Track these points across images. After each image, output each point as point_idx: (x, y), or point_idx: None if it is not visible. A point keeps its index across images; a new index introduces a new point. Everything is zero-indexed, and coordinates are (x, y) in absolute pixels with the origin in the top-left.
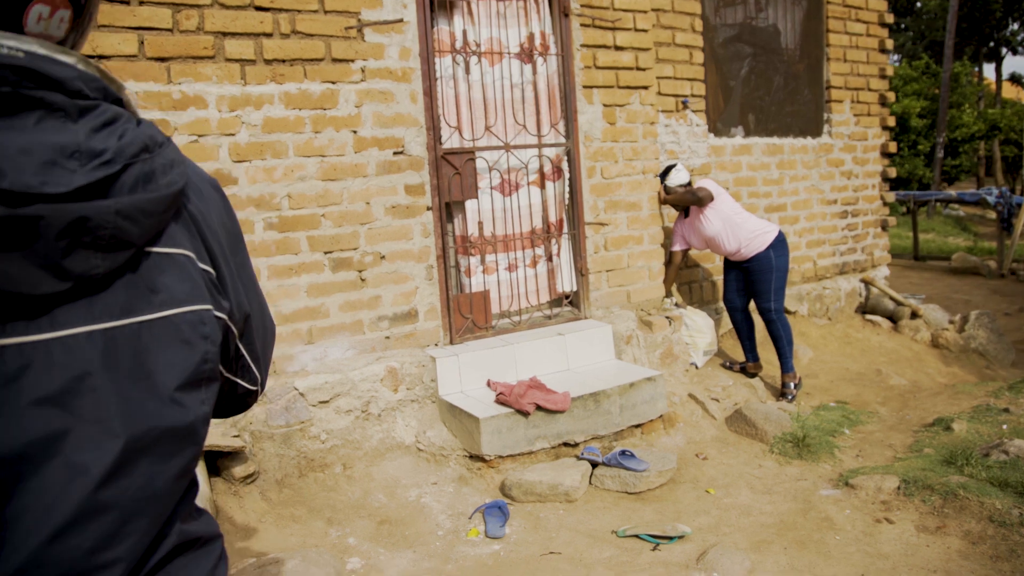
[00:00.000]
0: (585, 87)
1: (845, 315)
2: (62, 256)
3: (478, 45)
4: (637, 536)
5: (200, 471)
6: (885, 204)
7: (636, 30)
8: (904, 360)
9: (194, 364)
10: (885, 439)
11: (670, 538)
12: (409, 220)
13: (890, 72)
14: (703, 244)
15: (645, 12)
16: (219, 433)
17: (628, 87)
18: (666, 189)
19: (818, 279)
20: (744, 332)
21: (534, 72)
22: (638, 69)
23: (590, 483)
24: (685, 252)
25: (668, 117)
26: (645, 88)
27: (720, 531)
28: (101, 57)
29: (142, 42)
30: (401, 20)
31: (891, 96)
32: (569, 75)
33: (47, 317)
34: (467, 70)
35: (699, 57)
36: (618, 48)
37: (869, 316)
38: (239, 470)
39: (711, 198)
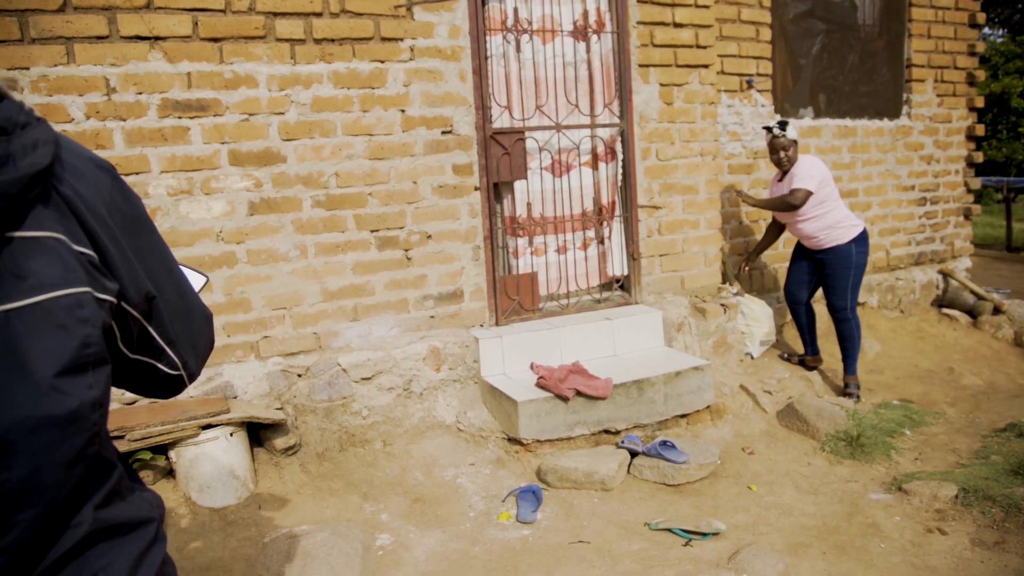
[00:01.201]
0: (641, 66)
1: (919, 308)
2: None
3: (530, 23)
4: (670, 530)
5: (241, 441)
6: (969, 191)
7: (697, 6)
8: (982, 359)
9: (73, 349)
10: (950, 443)
11: (703, 534)
12: (456, 200)
13: (980, 48)
14: (784, 215)
15: None
16: (263, 405)
17: (687, 66)
18: (781, 139)
19: (891, 269)
20: (805, 325)
21: (588, 50)
22: (698, 47)
23: (628, 472)
24: (778, 223)
25: (731, 97)
26: (705, 67)
27: (757, 530)
28: (157, 39)
29: (196, 23)
30: None
31: (980, 75)
32: (624, 53)
33: None
34: (518, 48)
35: (766, 34)
36: (677, 25)
37: (946, 310)
38: (280, 442)
39: (816, 167)
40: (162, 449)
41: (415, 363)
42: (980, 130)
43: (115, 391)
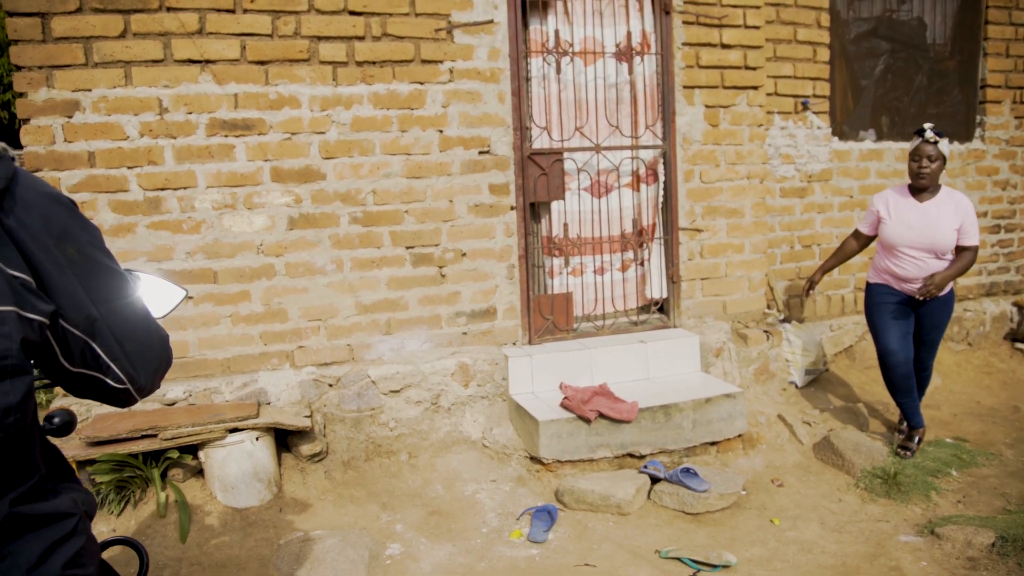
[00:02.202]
0: (686, 87)
1: (990, 341)
2: None
3: (571, 45)
4: (680, 559)
5: (267, 445)
6: None
7: (746, 27)
8: None
9: None
10: (1000, 486)
11: (713, 566)
12: (492, 219)
13: None
14: (904, 241)
15: (758, 7)
16: (293, 413)
17: (734, 87)
18: (930, 147)
19: (958, 300)
20: (915, 388)
21: (630, 72)
22: (747, 68)
23: (649, 498)
24: (868, 240)
25: (785, 119)
26: (754, 88)
27: (771, 566)
28: (207, 62)
29: (244, 47)
30: (491, 21)
31: None
32: (668, 75)
33: None
34: (558, 70)
35: (824, 54)
36: (724, 46)
37: (1020, 344)
38: (306, 448)
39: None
40: (194, 449)
41: (443, 378)
42: None
43: (156, 391)
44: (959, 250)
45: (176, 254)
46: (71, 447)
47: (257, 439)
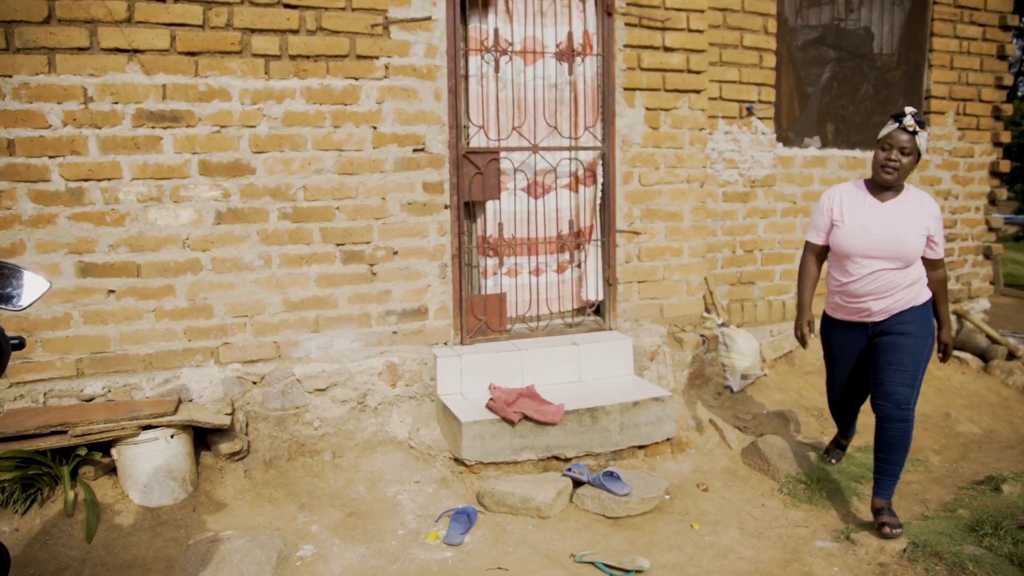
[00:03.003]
0: (627, 89)
1: None
2: None
3: (510, 44)
4: (593, 564)
5: (183, 443)
6: (991, 229)
7: (689, 30)
8: (986, 405)
9: None
10: (922, 493)
11: (626, 571)
12: (425, 217)
13: (1008, 81)
14: (862, 247)
15: (701, 12)
16: (214, 410)
17: (676, 90)
18: (906, 136)
19: None
20: (853, 420)
21: (571, 72)
22: (689, 72)
23: (571, 502)
24: (824, 252)
25: (729, 124)
26: (697, 92)
27: (685, 571)
28: (135, 51)
29: (174, 37)
30: (429, 18)
31: (1008, 108)
32: (609, 76)
33: None
34: (496, 69)
35: (770, 60)
36: (667, 49)
37: (957, 352)
38: (225, 447)
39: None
40: (107, 447)
41: (370, 377)
42: (1006, 166)
43: (71, 386)
44: (929, 264)
45: (99, 247)
46: None
47: (172, 437)
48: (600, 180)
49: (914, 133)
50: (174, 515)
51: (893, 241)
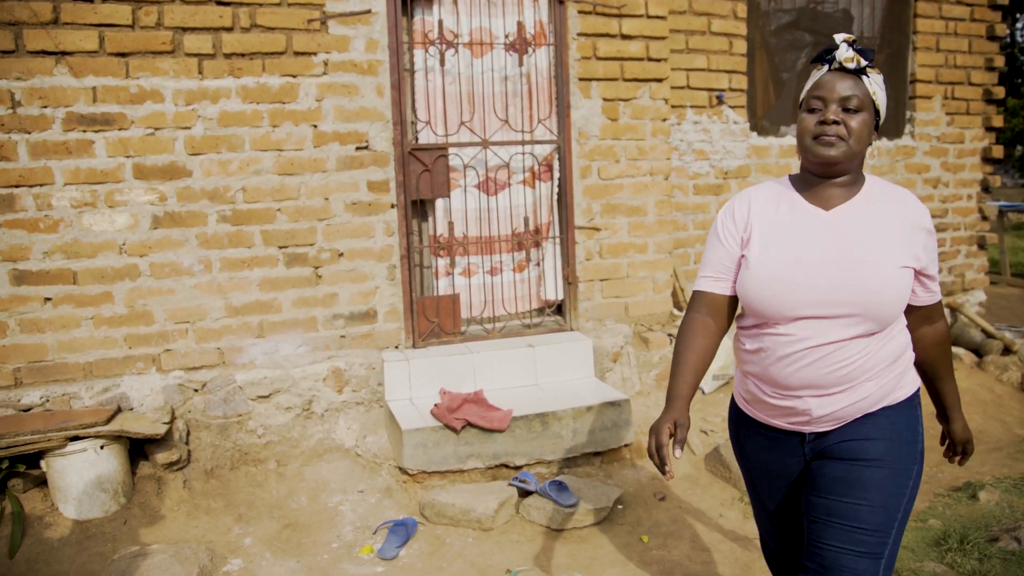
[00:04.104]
0: (582, 79)
1: None
2: None
3: (455, 36)
4: None
5: (114, 454)
6: (984, 218)
7: (648, 16)
8: (978, 403)
9: None
10: None
11: None
12: (371, 217)
13: (1000, 63)
14: (794, 298)
15: None
16: (153, 419)
17: (636, 79)
18: (848, 85)
19: None
20: None
21: (520, 64)
22: (649, 60)
23: (517, 512)
24: (727, 307)
25: (698, 113)
26: (658, 81)
27: None
28: (64, 54)
29: (102, 38)
30: (369, 11)
31: (999, 91)
32: (563, 67)
33: None
34: (442, 62)
35: (740, 46)
36: (625, 37)
37: (953, 347)
38: (162, 456)
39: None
40: (36, 459)
41: (314, 383)
42: (998, 152)
43: (9, 396)
44: (920, 315)
45: (33, 254)
46: None
47: (102, 448)
48: (556, 175)
49: (859, 72)
50: (103, 528)
51: (853, 282)
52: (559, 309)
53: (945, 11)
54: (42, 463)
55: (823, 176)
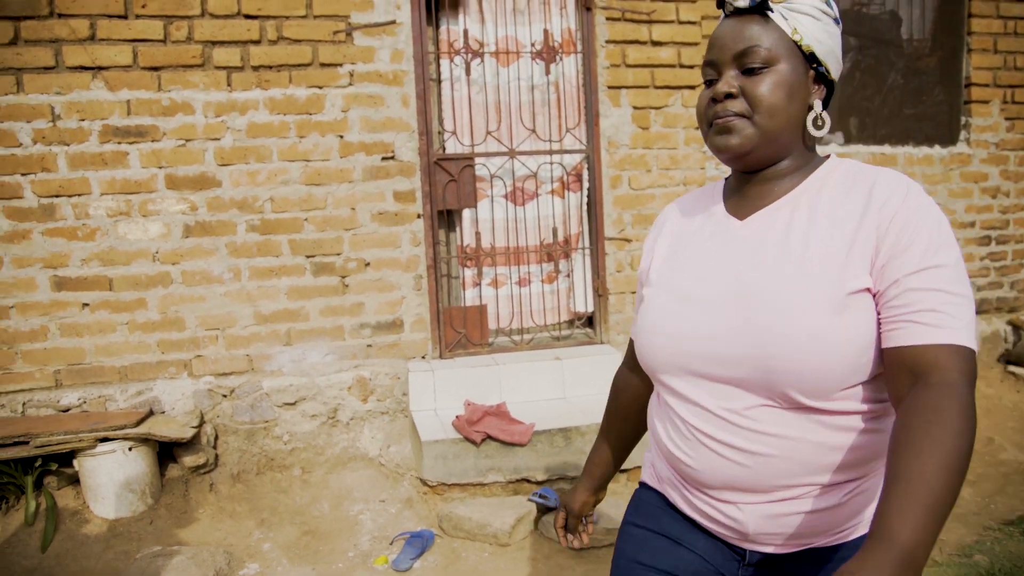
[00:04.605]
0: (611, 87)
1: (980, 364)
2: None
3: (482, 45)
4: None
5: (143, 455)
6: None
7: (679, 22)
8: None
9: None
10: (942, 532)
11: None
12: (397, 227)
13: None
14: (669, 357)
15: (693, 1)
16: (181, 423)
17: (667, 87)
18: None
19: None
20: None
21: (548, 72)
22: (681, 66)
23: (536, 528)
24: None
25: None
26: (691, 88)
27: None
28: (99, 68)
29: (136, 53)
30: (393, 22)
31: None
32: (591, 75)
33: None
34: (467, 71)
35: None
36: (655, 43)
37: (1013, 368)
38: (189, 459)
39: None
40: (70, 458)
41: (339, 392)
42: None
43: (49, 397)
44: (912, 372)
45: (72, 261)
46: None
47: (131, 449)
48: (586, 185)
49: (762, 8)
50: (130, 527)
51: (750, 331)
52: (589, 322)
53: (1003, 10)
54: (74, 462)
55: (741, 169)
